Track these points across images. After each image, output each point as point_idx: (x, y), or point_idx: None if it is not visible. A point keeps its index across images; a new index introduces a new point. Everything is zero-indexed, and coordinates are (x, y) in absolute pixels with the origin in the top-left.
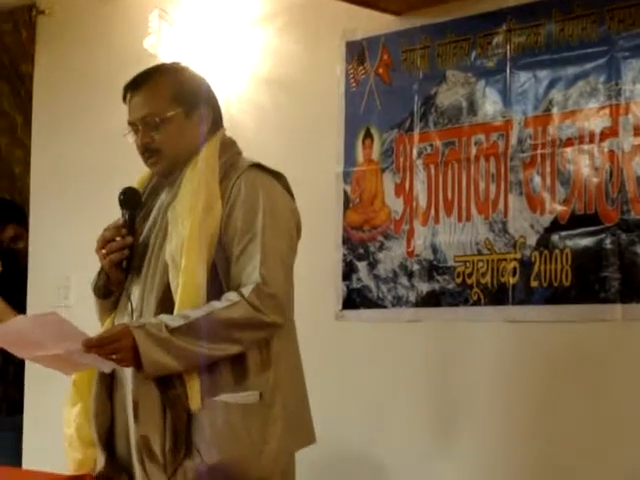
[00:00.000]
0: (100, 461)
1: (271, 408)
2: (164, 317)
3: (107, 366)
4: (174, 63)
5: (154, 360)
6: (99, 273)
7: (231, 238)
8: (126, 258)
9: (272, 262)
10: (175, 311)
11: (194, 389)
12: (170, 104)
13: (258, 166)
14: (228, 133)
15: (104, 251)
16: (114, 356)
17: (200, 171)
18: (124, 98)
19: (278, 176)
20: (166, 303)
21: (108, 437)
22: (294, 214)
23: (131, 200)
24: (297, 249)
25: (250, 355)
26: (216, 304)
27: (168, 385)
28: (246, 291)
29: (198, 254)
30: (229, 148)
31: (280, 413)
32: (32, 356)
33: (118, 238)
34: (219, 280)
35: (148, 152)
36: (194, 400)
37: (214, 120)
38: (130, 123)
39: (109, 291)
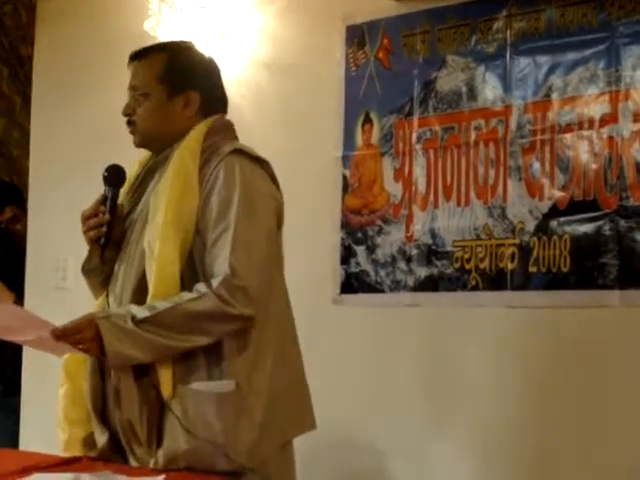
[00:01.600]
0: (100, 440)
1: (248, 397)
2: (132, 307)
3: (82, 354)
4: (180, 42)
5: (117, 351)
6: (90, 251)
7: (206, 226)
8: (104, 235)
9: (243, 253)
10: (148, 300)
11: (165, 377)
12: (154, 82)
13: (240, 152)
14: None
15: (84, 228)
16: (80, 346)
17: (181, 156)
18: (128, 64)
19: (261, 162)
20: (142, 291)
21: (102, 417)
22: (275, 201)
23: (113, 178)
24: (275, 236)
25: (226, 343)
26: (185, 296)
27: (143, 372)
28: (215, 283)
29: (173, 242)
30: (217, 133)
31: (259, 402)
32: (17, 340)
33: (103, 215)
34: (196, 267)
35: (128, 123)
36: (165, 388)
37: (204, 105)
38: (128, 88)
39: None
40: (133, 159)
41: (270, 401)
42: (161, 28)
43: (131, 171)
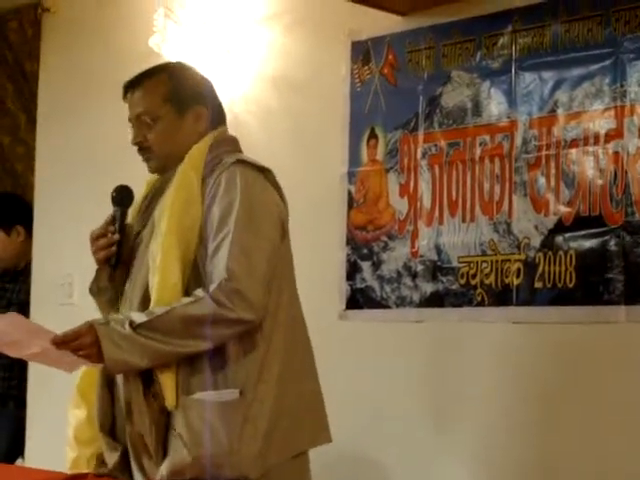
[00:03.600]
0: (112, 458)
1: (253, 405)
2: (132, 314)
3: (85, 362)
4: (172, 62)
5: (115, 358)
6: (97, 272)
7: (208, 235)
8: (114, 255)
9: (241, 258)
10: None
11: (167, 387)
12: (162, 103)
13: (243, 162)
14: (232, 132)
15: (93, 249)
16: (80, 352)
17: (183, 169)
18: (124, 97)
19: (264, 171)
20: (147, 302)
21: (112, 435)
22: (277, 209)
23: (121, 198)
24: (279, 244)
25: (232, 350)
26: (182, 300)
27: (149, 383)
28: (212, 287)
29: (175, 252)
30: (221, 146)
31: (264, 411)
32: (21, 355)
33: (113, 235)
34: (201, 277)
35: (141, 150)
36: (169, 398)
37: (212, 118)
38: (129, 120)
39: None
40: (139, 175)
41: (276, 410)
42: (166, 45)
43: (140, 191)
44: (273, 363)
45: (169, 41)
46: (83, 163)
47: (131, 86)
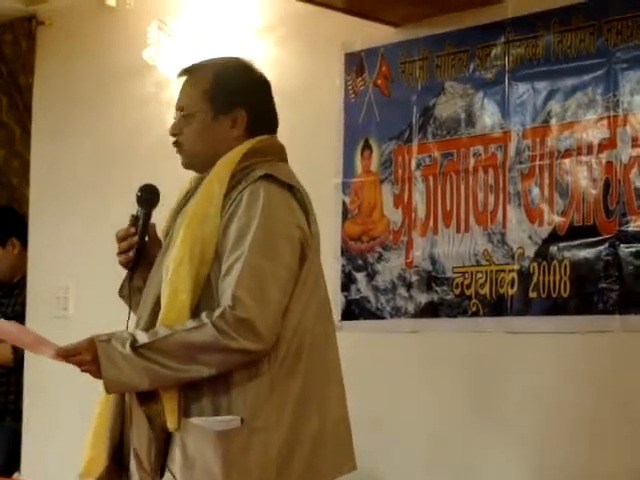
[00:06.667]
0: (104, 463)
1: (258, 434)
2: (137, 332)
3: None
4: (231, 58)
5: (113, 378)
6: (128, 273)
7: (223, 252)
8: (132, 260)
9: (252, 284)
10: (158, 325)
11: (169, 407)
12: (200, 101)
13: (270, 177)
14: None
15: (117, 251)
16: (81, 368)
17: (209, 179)
18: (178, 78)
19: (292, 189)
20: (156, 316)
21: (118, 440)
22: (299, 231)
23: (146, 197)
24: (297, 267)
25: (235, 377)
26: (187, 324)
27: (151, 400)
28: (215, 313)
29: (186, 267)
30: (256, 155)
31: (274, 440)
32: (36, 353)
33: (133, 237)
34: (213, 293)
35: (175, 143)
36: (170, 419)
37: (252, 124)
38: (175, 107)
39: None
40: (134, 186)
41: (291, 439)
42: (160, 57)
43: (183, 187)
44: (288, 389)
45: (163, 53)
46: (78, 176)
47: (183, 74)
